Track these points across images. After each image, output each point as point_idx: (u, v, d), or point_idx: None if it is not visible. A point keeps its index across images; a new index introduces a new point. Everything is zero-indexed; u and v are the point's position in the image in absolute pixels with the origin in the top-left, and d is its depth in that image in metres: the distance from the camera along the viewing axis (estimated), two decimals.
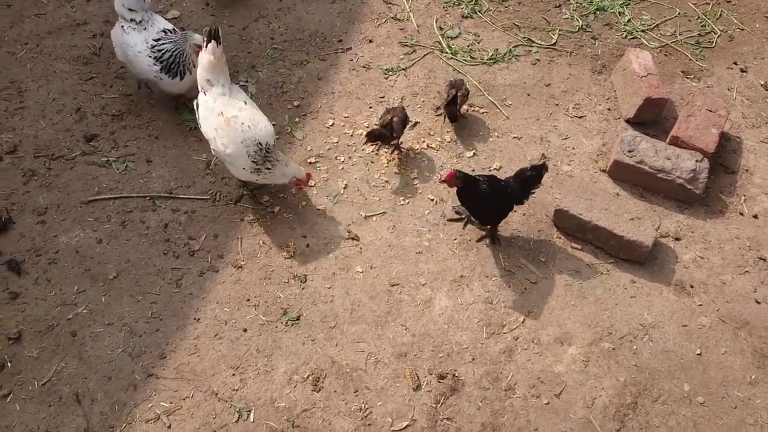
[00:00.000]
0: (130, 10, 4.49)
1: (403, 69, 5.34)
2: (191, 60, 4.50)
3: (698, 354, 4.04)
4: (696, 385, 3.92)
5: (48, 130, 4.76)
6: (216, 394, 3.72)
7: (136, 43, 4.48)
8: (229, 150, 4.02)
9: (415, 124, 4.98)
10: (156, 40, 4.49)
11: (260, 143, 4.03)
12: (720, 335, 4.12)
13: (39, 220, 4.31)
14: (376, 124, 4.80)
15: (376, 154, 4.79)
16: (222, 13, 5.63)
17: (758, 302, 4.26)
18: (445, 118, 4.97)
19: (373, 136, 4.53)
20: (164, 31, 4.55)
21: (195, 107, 4.22)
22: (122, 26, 4.54)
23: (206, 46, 4.02)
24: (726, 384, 3.94)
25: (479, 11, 5.80)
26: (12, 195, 4.41)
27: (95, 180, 4.53)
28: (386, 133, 4.53)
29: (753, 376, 3.97)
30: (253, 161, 4.04)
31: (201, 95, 4.18)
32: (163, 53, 4.46)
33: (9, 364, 3.75)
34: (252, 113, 4.11)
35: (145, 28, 4.50)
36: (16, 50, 5.20)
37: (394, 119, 4.54)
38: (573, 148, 4.96)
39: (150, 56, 4.47)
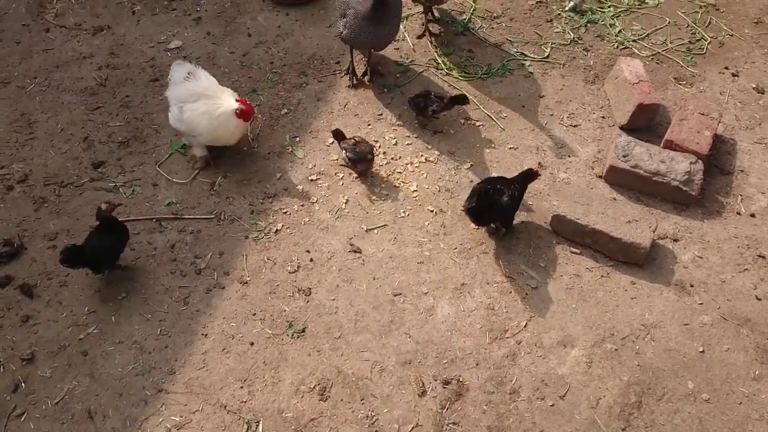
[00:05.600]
0: None
1: (399, 87, 5.47)
2: None
3: (701, 352, 4.06)
4: (700, 383, 3.94)
5: (57, 159, 4.91)
6: (225, 407, 3.79)
7: None
8: None
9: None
10: None
11: None
12: (722, 333, 4.15)
13: (50, 245, 4.43)
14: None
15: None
16: (223, 41, 5.81)
17: (759, 299, 4.29)
18: (427, 125, 5.18)
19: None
20: None
21: None
22: None
23: None
24: (730, 380, 3.95)
25: (472, 28, 5.95)
26: (24, 222, 4.54)
27: None
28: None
29: (757, 372, 3.99)
30: None
31: None
32: None
33: (23, 385, 3.84)
34: None
35: None
36: (26, 84, 5.39)
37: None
38: (568, 156, 5.04)
39: None
